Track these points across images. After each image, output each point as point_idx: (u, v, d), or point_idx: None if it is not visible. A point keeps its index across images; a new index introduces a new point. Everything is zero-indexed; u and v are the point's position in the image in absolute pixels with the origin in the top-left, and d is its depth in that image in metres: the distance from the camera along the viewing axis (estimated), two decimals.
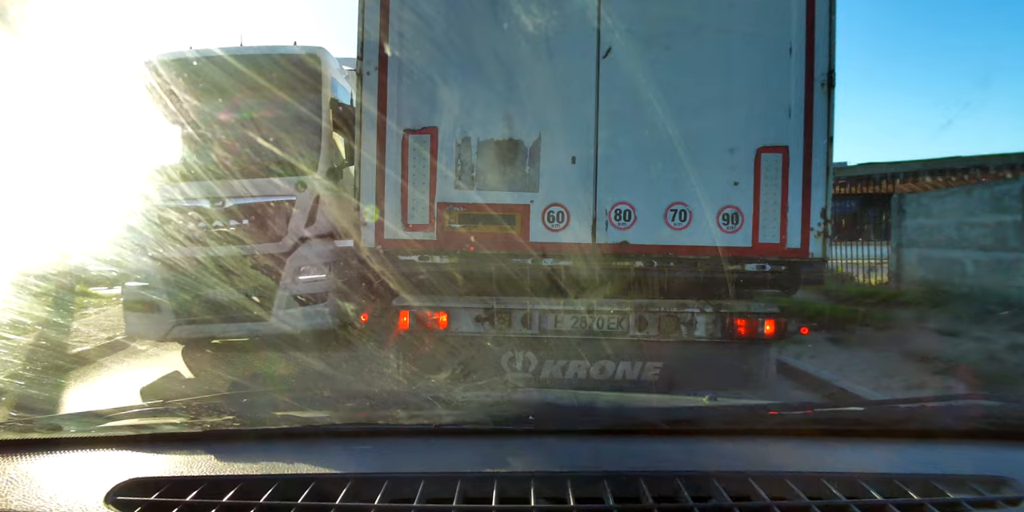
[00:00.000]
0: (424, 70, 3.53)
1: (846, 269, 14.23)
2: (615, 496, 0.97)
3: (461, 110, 3.55)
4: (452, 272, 3.66)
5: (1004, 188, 9.62)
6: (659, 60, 3.54)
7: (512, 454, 1.12)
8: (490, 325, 3.50)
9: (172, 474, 1.03)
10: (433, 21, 3.54)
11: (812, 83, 3.56)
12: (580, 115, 3.54)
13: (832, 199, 3.62)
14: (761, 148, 3.56)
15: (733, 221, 3.59)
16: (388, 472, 1.04)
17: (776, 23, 3.56)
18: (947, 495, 0.97)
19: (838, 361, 6.39)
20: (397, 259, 3.56)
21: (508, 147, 3.55)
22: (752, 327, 3.49)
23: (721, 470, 1.04)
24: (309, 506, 0.93)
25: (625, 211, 3.57)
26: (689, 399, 1.65)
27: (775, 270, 3.60)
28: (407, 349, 3.59)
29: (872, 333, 7.54)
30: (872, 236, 15.96)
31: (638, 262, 3.57)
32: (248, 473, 1.02)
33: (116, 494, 0.96)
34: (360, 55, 3.50)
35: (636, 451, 1.17)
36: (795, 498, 0.97)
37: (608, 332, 3.54)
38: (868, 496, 0.97)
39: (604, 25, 3.53)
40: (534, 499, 0.96)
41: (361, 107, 3.52)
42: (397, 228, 3.57)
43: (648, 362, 3.56)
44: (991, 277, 9.54)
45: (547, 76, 3.55)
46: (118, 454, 1.16)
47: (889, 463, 1.11)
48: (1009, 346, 6.40)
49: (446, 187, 3.56)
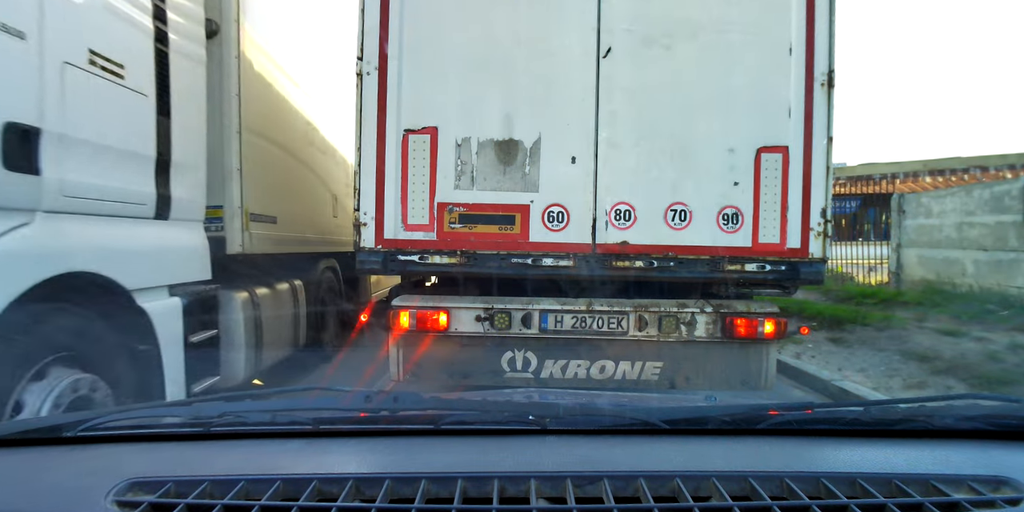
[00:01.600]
0: (424, 70, 3.53)
1: (846, 269, 14.25)
2: (615, 496, 0.97)
3: (461, 110, 3.55)
4: (452, 272, 3.66)
5: (1004, 188, 9.63)
6: (659, 60, 3.54)
7: (512, 454, 1.13)
8: (490, 325, 3.50)
9: (173, 474, 1.03)
10: (433, 21, 3.54)
11: (812, 83, 3.57)
12: (580, 115, 3.54)
13: (832, 199, 3.63)
14: (761, 148, 3.57)
15: (733, 221, 3.59)
16: (388, 472, 1.04)
17: (776, 23, 3.56)
18: (947, 495, 0.98)
19: (838, 361, 6.39)
20: (397, 259, 3.56)
21: (508, 147, 3.55)
22: (752, 327, 3.49)
23: (721, 470, 1.04)
24: (310, 506, 0.93)
25: (625, 211, 3.57)
26: (689, 399, 1.66)
27: (775, 270, 3.60)
28: (407, 349, 3.59)
29: (872, 333, 7.54)
30: (872, 236, 15.99)
31: (638, 262, 3.57)
32: (249, 473, 1.02)
33: (117, 494, 0.96)
34: (360, 55, 3.50)
35: (636, 451, 1.17)
36: (795, 498, 0.97)
37: (608, 332, 3.54)
38: (868, 496, 0.97)
39: (604, 25, 3.53)
40: (534, 499, 0.96)
41: (361, 107, 3.51)
42: (397, 228, 3.57)
43: (648, 362, 3.57)
44: (991, 277, 9.56)
45: (547, 76, 3.55)
46: (118, 454, 1.16)
47: (889, 463, 1.11)
48: (1009, 346, 6.41)
49: (446, 187, 3.56)
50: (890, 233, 12.52)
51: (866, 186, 17.33)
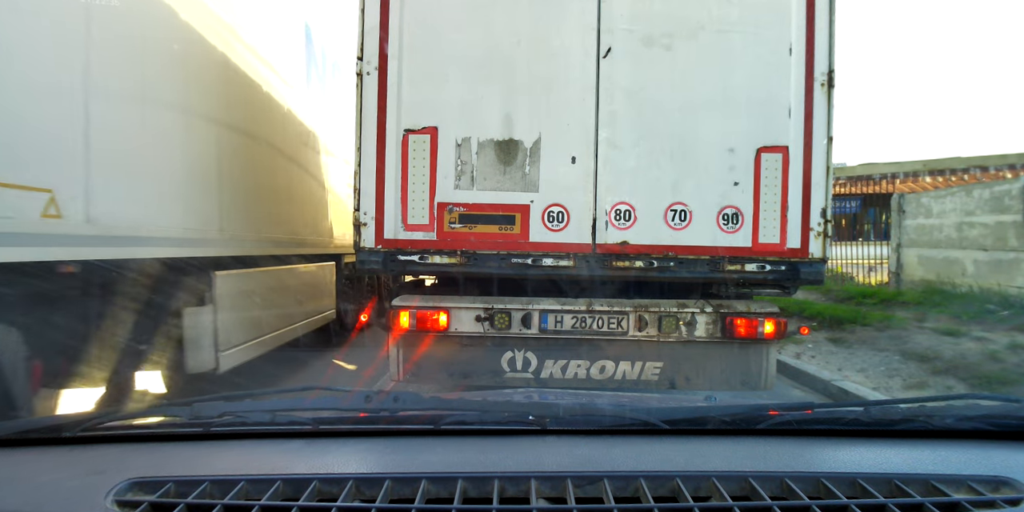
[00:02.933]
0: (424, 70, 3.53)
1: (846, 269, 14.25)
2: (615, 496, 0.97)
3: (461, 110, 3.55)
4: (452, 272, 3.66)
5: (1004, 188, 9.63)
6: (659, 60, 3.54)
7: (512, 454, 1.13)
8: (490, 325, 3.51)
9: (173, 474, 1.03)
10: (433, 21, 3.54)
11: (812, 83, 3.57)
12: (580, 115, 3.54)
13: (832, 199, 3.63)
14: (761, 148, 3.57)
15: (733, 221, 3.59)
16: (388, 472, 1.04)
17: (776, 23, 3.56)
18: (947, 495, 0.98)
19: (838, 361, 6.40)
20: (397, 259, 3.56)
21: (508, 147, 3.56)
22: (752, 327, 3.49)
23: (721, 470, 1.04)
24: (310, 506, 0.93)
25: (625, 211, 3.57)
26: (689, 399, 1.66)
27: (775, 270, 3.60)
28: (407, 349, 3.59)
29: (872, 333, 7.54)
30: (872, 236, 15.99)
31: (638, 262, 3.57)
32: (249, 473, 1.03)
33: (117, 494, 0.96)
34: (360, 55, 3.50)
35: (636, 451, 1.17)
36: (795, 498, 0.97)
37: (608, 332, 3.54)
38: (868, 496, 0.97)
39: (604, 25, 3.53)
40: (534, 499, 0.96)
41: (361, 107, 3.52)
42: (397, 228, 3.57)
43: (648, 362, 3.57)
44: (991, 277, 9.55)
45: (547, 76, 3.55)
46: (119, 454, 1.16)
47: (889, 463, 1.11)
48: (1009, 346, 6.41)
49: (446, 187, 3.56)
50: (890, 233, 12.52)
51: (866, 186, 17.32)
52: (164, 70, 3.63)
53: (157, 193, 3.56)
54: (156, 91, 3.55)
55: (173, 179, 3.73)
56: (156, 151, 3.55)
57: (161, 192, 3.61)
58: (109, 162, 3.11)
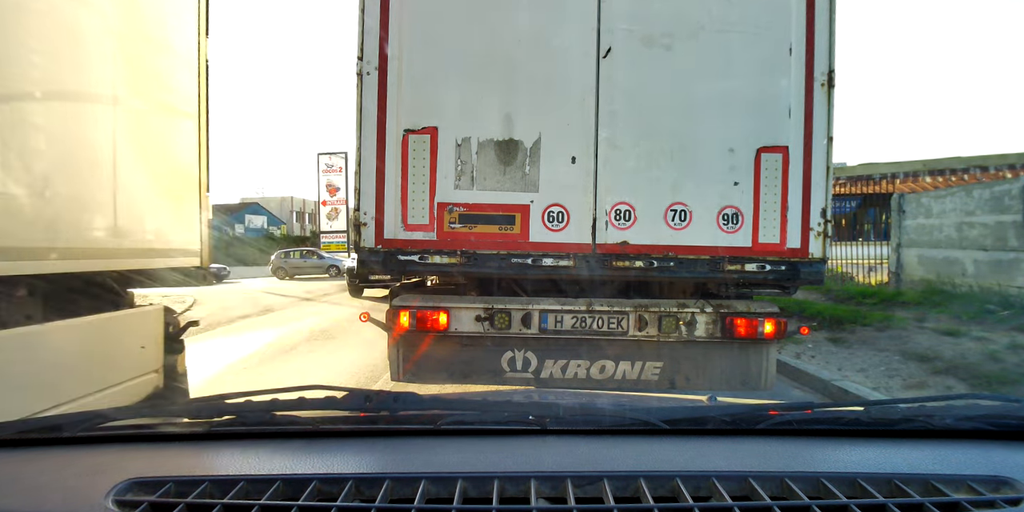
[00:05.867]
0: (424, 70, 3.53)
1: (846, 269, 14.25)
2: (615, 496, 0.97)
3: (461, 110, 3.55)
4: (452, 272, 3.66)
5: (1004, 188, 9.63)
6: (659, 60, 3.54)
7: (512, 454, 1.13)
8: (490, 325, 3.50)
9: (173, 474, 1.03)
10: (433, 21, 3.54)
11: (812, 83, 3.57)
12: (580, 115, 3.54)
13: (832, 199, 3.63)
14: (761, 148, 3.57)
15: (733, 221, 3.59)
16: (388, 472, 1.04)
17: (776, 23, 3.56)
18: (947, 495, 0.98)
19: (838, 361, 6.40)
20: (397, 259, 3.56)
21: (508, 147, 3.55)
22: (752, 327, 3.49)
23: (721, 470, 1.04)
24: (310, 506, 0.93)
25: (625, 211, 3.58)
26: (689, 399, 1.66)
27: (775, 270, 3.60)
28: (407, 349, 3.59)
29: (872, 333, 7.55)
30: (872, 236, 15.98)
31: (638, 262, 3.57)
32: (249, 473, 1.03)
33: (117, 494, 0.96)
34: (360, 55, 3.50)
35: (636, 451, 1.17)
36: (795, 498, 0.97)
37: (608, 332, 3.54)
38: (868, 496, 0.97)
39: (604, 25, 3.53)
40: (534, 499, 0.96)
41: (361, 107, 3.51)
42: (397, 228, 3.57)
43: (648, 362, 3.57)
44: (991, 277, 9.56)
45: (547, 76, 3.55)
46: (118, 454, 1.16)
47: (889, 463, 1.11)
48: (1009, 346, 6.41)
49: (446, 187, 3.56)
50: (890, 233, 12.52)
51: (866, 186, 17.31)
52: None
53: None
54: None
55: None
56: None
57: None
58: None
